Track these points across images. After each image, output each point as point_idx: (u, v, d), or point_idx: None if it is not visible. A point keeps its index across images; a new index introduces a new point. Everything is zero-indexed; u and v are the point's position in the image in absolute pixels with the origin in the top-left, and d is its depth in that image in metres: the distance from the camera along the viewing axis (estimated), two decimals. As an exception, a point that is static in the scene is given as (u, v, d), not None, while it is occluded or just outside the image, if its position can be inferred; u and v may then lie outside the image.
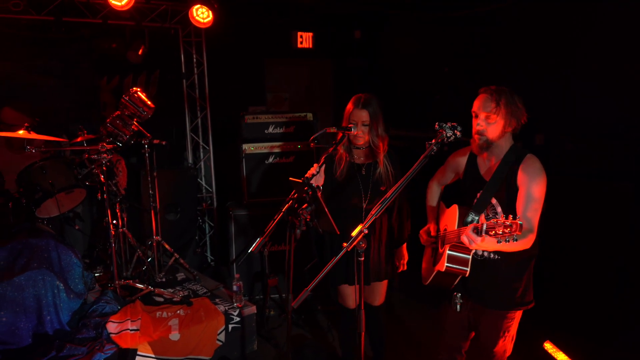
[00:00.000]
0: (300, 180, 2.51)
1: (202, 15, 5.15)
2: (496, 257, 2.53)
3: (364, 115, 2.98)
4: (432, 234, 2.81)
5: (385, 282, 3.26)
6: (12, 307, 3.24)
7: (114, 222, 3.96)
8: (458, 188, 2.83)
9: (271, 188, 4.98)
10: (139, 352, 3.38)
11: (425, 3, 6.52)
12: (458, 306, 2.66)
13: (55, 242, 3.55)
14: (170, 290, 4.19)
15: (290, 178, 2.64)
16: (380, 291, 3.27)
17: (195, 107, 5.89)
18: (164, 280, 4.50)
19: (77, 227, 4.41)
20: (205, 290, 4.29)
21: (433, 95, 6.73)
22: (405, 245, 3.25)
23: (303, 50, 7.47)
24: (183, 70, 5.73)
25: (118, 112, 4.14)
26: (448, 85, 6.50)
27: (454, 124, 2.39)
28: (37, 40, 5.17)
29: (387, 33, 7.63)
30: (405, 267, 3.26)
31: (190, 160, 5.90)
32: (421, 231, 2.89)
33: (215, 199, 5.95)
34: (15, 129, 4.15)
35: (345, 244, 2.23)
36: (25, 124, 3.63)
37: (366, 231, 2.23)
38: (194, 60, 5.80)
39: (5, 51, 4.99)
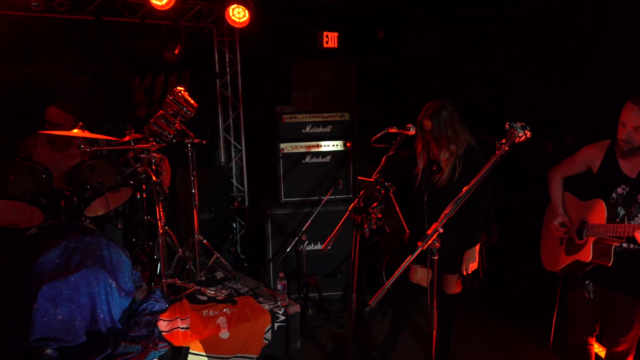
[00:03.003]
0: (372, 180, 2.52)
1: (238, 15, 5.17)
2: (636, 247, 2.70)
3: (428, 125, 3.13)
4: (568, 225, 2.98)
5: (455, 275, 3.35)
6: (67, 304, 3.26)
7: (159, 221, 3.96)
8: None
9: (307, 187, 5.01)
10: (190, 350, 3.41)
11: (450, 3, 6.52)
12: (591, 294, 2.86)
13: (106, 240, 3.57)
14: (212, 289, 4.20)
15: (359, 177, 2.65)
16: (450, 282, 3.36)
17: (227, 107, 5.91)
18: (203, 279, 4.52)
19: (119, 226, 4.43)
20: (247, 289, 4.31)
21: (457, 96, 6.74)
22: (477, 247, 3.20)
23: (328, 50, 7.48)
24: (217, 70, 5.74)
25: (162, 112, 4.15)
26: (473, 86, 6.50)
27: (523, 123, 2.42)
28: (74, 39, 5.20)
29: (410, 33, 7.63)
30: (470, 272, 3.21)
31: (222, 159, 5.91)
32: (554, 223, 3.04)
33: (247, 198, 5.96)
34: (60, 127, 4.18)
35: (420, 243, 2.25)
36: (80, 123, 3.65)
37: (441, 230, 2.25)
38: (227, 59, 5.81)
39: (44, 50, 5.03)
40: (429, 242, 2.25)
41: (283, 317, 3.92)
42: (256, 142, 6.05)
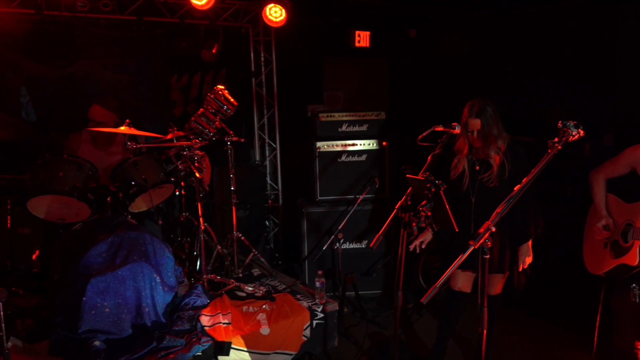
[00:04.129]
0: (422, 178, 2.52)
1: (275, 14, 5.21)
2: None
3: (477, 124, 3.10)
4: (612, 228, 2.96)
5: (501, 275, 3.32)
6: (114, 298, 3.33)
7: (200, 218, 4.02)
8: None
9: (342, 186, 5.02)
10: (232, 345, 3.45)
11: (482, 1, 6.45)
12: (637, 297, 2.85)
13: (150, 236, 3.64)
14: (251, 285, 4.24)
15: (408, 175, 2.65)
16: (495, 282, 3.33)
17: (262, 105, 5.96)
18: (241, 275, 4.57)
19: (160, 222, 4.51)
20: (284, 286, 4.34)
21: (490, 95, 6.65)
22: (530, 242, 3.22)
23: (360, 49, 7.47)
24: (252, 69, 5.80)
25: (202, 110, 4.22)
26: (506, 85, 6.42)
27: (576, 122, 2.39)
28: (116, 39, 5.32)
29: (442, 32, 7.57)
30: (526, 266, 3.23)
31: (257, 157, 5.97)
32: (597, 225, 3.02)
33: (280, 196, 6.01)
34: (103, 125, 4.28)
35: (472, 242, 2.24)
36: (127, 120, 3.73)
37: (494, 229, 2.24)
38: (262, 58, 5.87)
39: (87, 50, 5.15)
40: (481, 241, 2.23)
41: (321, 315, 3.93)
42: (290, 140, 6.10)
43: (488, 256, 2.28)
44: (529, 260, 3.21)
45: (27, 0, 4.27)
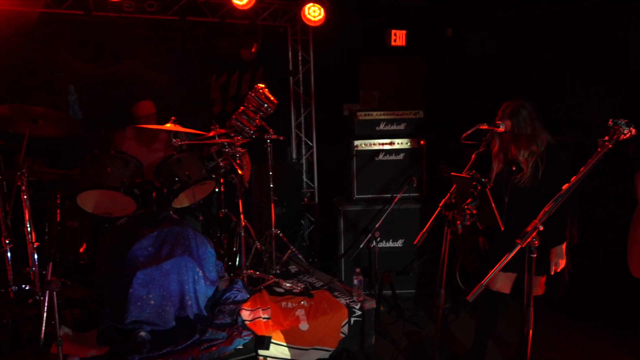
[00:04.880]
0: (468, 176, 2.51)
1: (313, 13, 5.27)
2: None
3: (508, 125, 3.08)
4: None
5: (542, 277, 3.28)
6: (159, 291, 3.42)
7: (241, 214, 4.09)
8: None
9: (379, 185, 5.03)
10: (272, 340, 3.50)
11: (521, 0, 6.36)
12: None
13: (193, 231, 3.72)
14: (289, 281, 4.29)
15: (453, 173, 2.65)
16: (537, 283, 3.30)
17: (299, 104, 6.01)
18: (278, 272, 4.63)
19: (200, 218, 4.60)
20: (321, 284, 4.38)
21: (528, 95, 6.56)
22: (565, 245, 3.14)
23: (396, 48, 7.45)
24: (290, 68, 5.86)
25: (242, 108, 4.28)
26: (544, 85, 6.31)
27: (627, 120, 2.35)
28: (159, 39, 5.45)
29: (479, 31, 7.48)
30: (559, 269, 3.15)
31: (294, 156, 6.02)
32: None
33: (316, 195, 6.05)
34: (148, 122, 4.40)
35: (518, 240, 2.23)
36: (173, 117, 3.83)
37: (541, 227, 2.22)
38: (299, 57, 5.92)
39: (131, 50, 5.29)
40: (528, 240, 2.22)
41: (359, 312, 3.95)
42: (325, 139, 6.14)
43: (535, 255, 2.26)
44: (562, 263, 3.13)
45: (77, 1, 4.42)
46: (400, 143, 5.01)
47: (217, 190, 4.80)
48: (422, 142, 5.01)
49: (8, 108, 3.49)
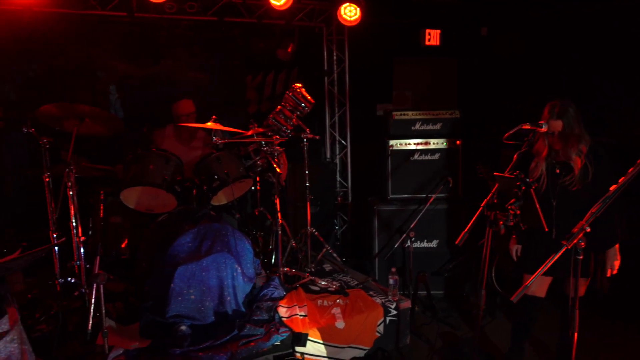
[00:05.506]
0: (512, 176, 2.49)
1: (349, 13, 5.29)
2: None
3: (558, 125, 3.03)
4: None
5: (584, 279, 3.23)
6: (199, 286, 3.49)
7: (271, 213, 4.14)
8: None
9: (414, 185, 5.02)
10: (308, 337, 3.53)
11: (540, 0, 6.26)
12: None
13: (231, 228, 3.78)
14: (324, 280, 4.32)
15: (496, 173, 2.63)
16: (578, 286, 3.22)
17: (334, 104, 6.04)
18: (313, 270, 4.65)
19: (237, 215, 4.67)
20: (356, 282, 4.39)
21: (564, 96, 6.44)
22: (617, 246, 3.11)
23: (430, 48, 7.40)
24: (325, 68, 5.90)
25: (280, 107, 4.33)
26: (581, 85, 6.19)
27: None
28: (196, 39, 5.56)
29: (515, 30, 7.37)
30: (615, 271, 3.12)
31: (328, 155, 6.06)
32: None
33: (350, 194, 6.07)
34: (188, 121, 4.49)
35: (564, 242, 2.20)
36: (214, 117, 3.90)
37: (588, 229, 2.19)
38: (334, 57, 5.94)
39: (170, 50, 5.41)
40: (575, 241, 2.19)
41: (394, 312, 3.95)
42: (358, 138, 6.15)
43: (582, 257, 2.23)
44: (617, 264, 3.09)
45: (120, 3, 4.55)
46: (436, 143, 4.99)
47: (252, 188, 4.87)
48: (458, 142, 4.98)
49: (56, 107, 3.61)
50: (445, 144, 4.99)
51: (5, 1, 4.12)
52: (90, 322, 3.23)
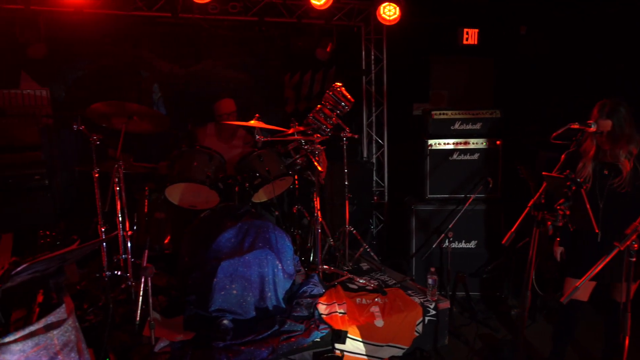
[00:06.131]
0: (562, 176, 2.46)
1: (388, 12, 5.29)
2: None
3: (607, 125, 2.96)
4: None
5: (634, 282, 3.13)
6: (241, 281, 3.56)
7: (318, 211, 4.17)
8: None
9: (453, 185, 4.99)
10: (348, 335, 3.55)
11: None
12: None
13: (272, 225, 3.84)
14: (362, 278, 4.34)
15: (544, 172, 2.60)
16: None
17: (371, 103, 6.05)
18: (350, 268, 4.67)
19: (276, 213, 4.73)
20: (394, 282, 4.39)
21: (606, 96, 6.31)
22: None
23: (467, 47, 7.33)
24: (363, 67, 5.91)
25: (319, 106, 4.37)
26: (623, 86, 6.03)
27: None
28: (236, 39, 5.65)
29: (554, 30, 7.23)
30: None
31: (365, 154, 6.07)
32: None
33: (386, 193, 6.06)
34: (229, 119, 4.57)
35: (617, 243, 2.17)
36: (257, 115, 3.97)
37: (642, 231, 2.15)
38: (372, 57, 5.95)
39: (211, 50, 5.52)
40: (628, 242, 2.16)
41: (433, 312, 3.94)
42: (395, 138, 6.14)
43: (635, 259, 2.20)
44: None
45: (165, 4, 4.66)
46: (475, 143, 4.95)
47: (290, 187, 4.93)
48: (498, 142, 4.92)
49: (106, 105, 3.73)
50: (484, 143, 4.94)
51: (57, 3, 4.27)
52: (139, 313, 3.33)
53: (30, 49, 4.50)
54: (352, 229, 4.66)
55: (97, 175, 3.74)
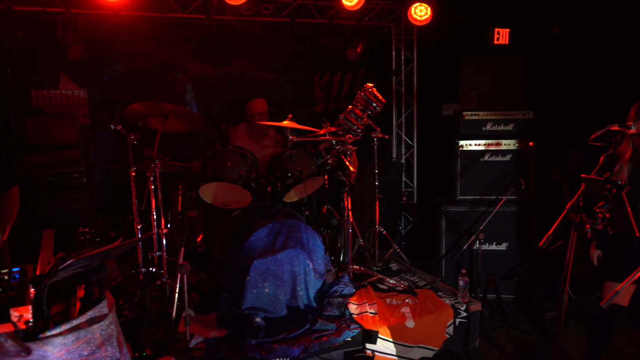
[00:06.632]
0: (601, 178, 2.43)
1: (420, 12, 5.28)
2: None
3: None
4: None
5: None
6: (273, 280, 3.60)
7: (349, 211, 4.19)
8: None
9: (484, 186, 4.94)
10: (379, 335, 3.56)
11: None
12: None
13: (304, 224, 3.87)
14: (392, 279, 4.34)
15: (583, 174, 2.57)
16: None
17: (400, 104, 6.04)
18: (379, 269, 4.67)
19: (306, 212, 4.76)
20: (424, 283, 4.38)
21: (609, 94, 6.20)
22: None
23: (497, 47, 7.25)
24: (393, 67, 5.91)
25: (350, 107, 4.38)
26: (627, 84, 5.90)
27: None
28: (266, 40, 5.70)
29: (588, 29, 7.09)
30: None
31: (394, 155, 6.06)
32: None
33: (415, 194, 6.05)
34: (261, 119, 4.62)
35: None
36: (290, 115, 4.01)
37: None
38: (402, 57, 5.94)
39: (242, 51, 5.59)
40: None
41: (465, 314, 3.91)
42: (424, 138, 6.12)
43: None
44: None
45: (199, 6, 4.74)
46: (507, 144, 4.90)
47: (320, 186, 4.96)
48: (530, 143, 4.86)
49: (143, 105, 3.82)
50: (516, 145, 4.89)
51: (96, 6, 4.39)
52: (175, 309, 3.40)
53: (70, 50, 4.63)
54: (382, 229, 4.66)
55: (133, 174, 3.83)
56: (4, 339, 2.01)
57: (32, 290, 2.16)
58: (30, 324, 2.02)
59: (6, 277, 2.29)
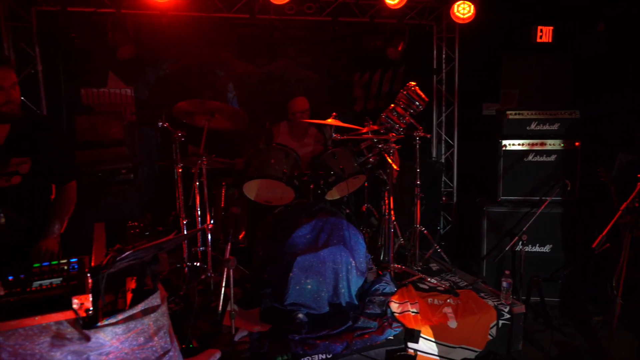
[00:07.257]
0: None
1: (462, 10, 5.22)
2: None
3: None
4: None
5: None
6: (316, 277, 3.63)
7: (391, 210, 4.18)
8: None
9: (527, 187, 4.86)
10: (421, 334, 3.55)
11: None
12: None
13: (346, 222, 3.89)
14: (433, 279, 4.31)
15: (639, 175, 2.51)
16: None
17: (441, 103, 5.99)
18: (420, 269, 4.65)
19: (347, 211, 4.77)
20: (465, 283, 4.33)
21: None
22: None
23: (540, 45, 7.11)
24: (434, 66, 5.86)
25: (392, 105, 4.37)
26: None
27: None
28: (308, 39, 5.74)
29: (630, 26, 6.88)
30: None
31: (434, 154, 6.02)
32: None
33: (455, 194, 5.99)
34: (303, 118, 4.66)
35: None
36: (334, 113, 4.03)
37: None
38: (443, 56, 5.89)
39: (284, 50, 5.64)
40: None
41: (508, 316, 3.86)
42: (465, 137, 6.05)
43: None
44: None
45: (243, 5, 4.81)
46: (552, 144, 4.80)
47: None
48: (577, 143, 4.76)
49: (190, 103, 3.90)
50: (562, 145, 4.79)
51: (145, 6, 4.50)
52: (221, 303, 3.47)
53: (120, 50, 4.77)
54: (422, 228, 4.64)
55: (180, 170, 3.92)
56: (65, 325, 2.10)
57: (89, 280, 2.24)
58: (91, 312, 2.10)
59: (65, 267, 2.38)
